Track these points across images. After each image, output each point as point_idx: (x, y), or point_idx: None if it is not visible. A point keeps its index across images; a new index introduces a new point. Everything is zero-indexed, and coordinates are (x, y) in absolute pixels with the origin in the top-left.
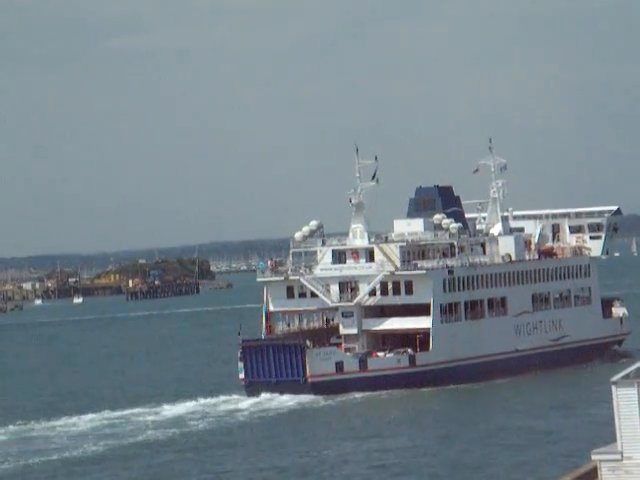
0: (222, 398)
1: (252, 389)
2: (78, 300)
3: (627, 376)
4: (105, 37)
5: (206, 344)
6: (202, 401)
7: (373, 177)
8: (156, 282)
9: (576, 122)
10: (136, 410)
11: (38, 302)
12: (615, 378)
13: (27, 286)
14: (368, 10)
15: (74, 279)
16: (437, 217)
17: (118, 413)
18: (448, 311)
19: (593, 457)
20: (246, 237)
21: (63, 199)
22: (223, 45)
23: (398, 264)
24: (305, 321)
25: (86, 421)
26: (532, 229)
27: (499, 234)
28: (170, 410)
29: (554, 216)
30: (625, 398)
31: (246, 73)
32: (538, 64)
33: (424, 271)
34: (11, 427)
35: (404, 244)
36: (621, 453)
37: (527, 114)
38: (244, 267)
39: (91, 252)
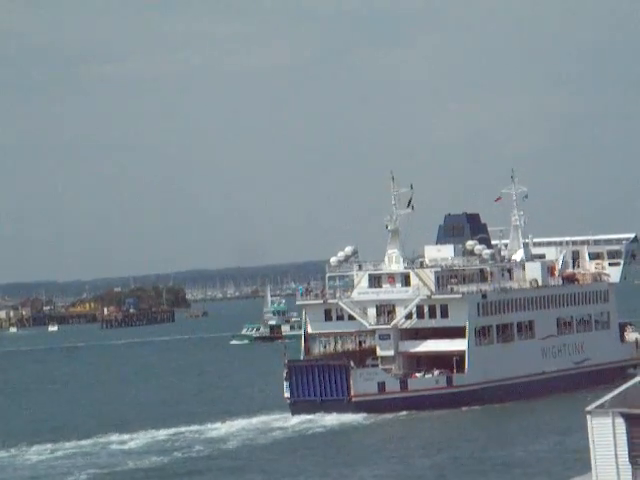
0: (269, 417)
1: (297, 408)
2: (53, 328)
3: (602, 405)
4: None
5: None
6: (253, 420)
7: (408, 204)
8: (131, 310)
9: (591, 149)
10: (192, 427)
11: (13, 330)
12: (590, 407)
13: (1, 314)
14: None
15: (49, 307)
16: (469, 243)
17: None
18: (481, 334)
19: None
20: (222, 265)
21: (37, 227)
22: (215, 69)
23: (433, 288)
24: (340, 343)
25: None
26: (553, 255)
27: (521, 260)
28: (221, 429)
29: (574, 243)
30: (600, 427)
31: (245, 93)
32: (556, 91)
33: (460, 295)
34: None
35: (439, 269)
36: None
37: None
38: (219, 295)
39: (66, 280)
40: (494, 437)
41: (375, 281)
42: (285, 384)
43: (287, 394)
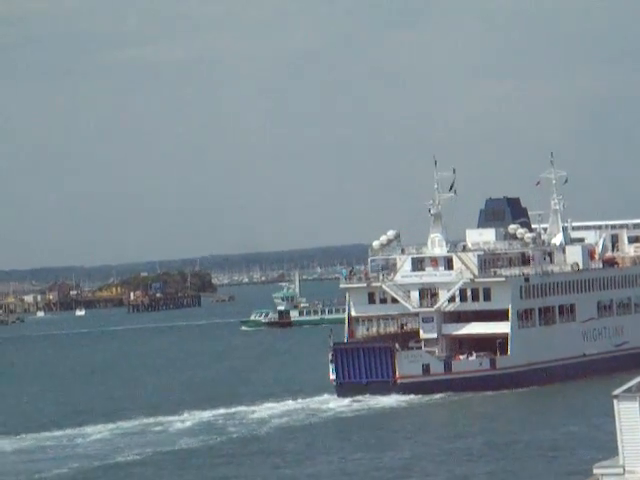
0: (314, 399)
1: (342, 389)
2: (81, 312)
3: (629, 390)
4: (102, 50)
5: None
6: (299, 401)
7: (451, 188)
8: (158, 295)
9: (630, 132)
10: (239, 409)
11: (40, 314)
12: (617, 392)
13: (29, 299)
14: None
15: (76, 292)
16: (512, 227)
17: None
18: (524, 317)
19: (595, 471)
20: (248, 250)
21: (64, 211)
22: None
23: (476, 272)
24: (382, 326)
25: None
26: (592, 239)
27: (560, 244)
28: (269, 409)
29: (613, 227)
30: (627, 412)
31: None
32: (603, 74)
33: (503, 278)
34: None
35: (481, 253)
36: (623, 467)
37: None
38: (246, 280)
39: (93, 265)
40: (529, 419)
41: (418, 264)
42: (330, 366)
43: (333, 376)
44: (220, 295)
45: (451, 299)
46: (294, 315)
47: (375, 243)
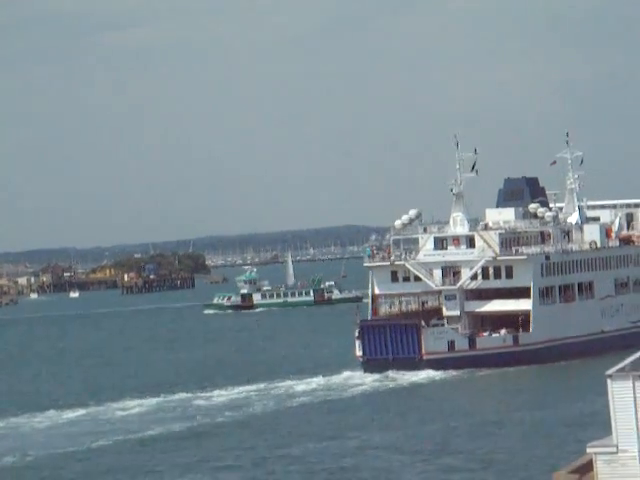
0: (342, 375)
1: (369, 366)
2: (75, 294)
3: (622, 369)
4: (98, 33)
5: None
6: (328, 377)
7: (472, 168)
8: (151, 276)
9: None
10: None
11: (34, 296)
12: (610, 371)
13: (22, 281)
14: None
15: (69, 273)
16: (532, 206)
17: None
18: (545, 294)
19: (588, 450)
20: (241, 231)
21: (58, 194)
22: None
23: (497, 250)
24: (404, 303)
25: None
26: (607, 218)
27: (576, 223)
28: (300, 385)
29: (628, 206)
30: (620, 391)
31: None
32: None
33: (525, 256)
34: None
35: (503, 231)
36: (616, 446)
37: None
38: (239, 261)
39: (86, 246)
40: (541, 396)
41: (440, 243)
42: (357, 343)
43: (359, 352)
44: (214, 276)
45: (473, 277)
46: (257, 298)
47: (397, 222)
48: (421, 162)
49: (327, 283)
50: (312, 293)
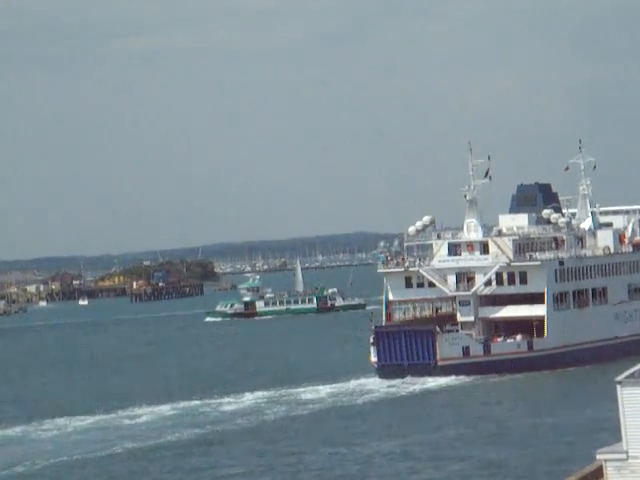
0: (358, 381)
1: (384, 372)
2: (84, 302)
3: (632, 375)
4: (105, 39)
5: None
6: (343, 383)
7: (486, 175)
8: (160, 284)
9: None
10: (291, 390)
11: (42, 304)
12: (620, 377)
13: (31, 289)
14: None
15: (78, 281)
16: (546, 212)
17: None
18: (559, 300)
19: (598, 457)
20: (250, 238)
21: (67, 201)
22: (234, 46)
23: (511, 256)
24: (418, 309)
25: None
26: (620, 224)
27: (589, 228)
28: (315, 392)
29: None
30: (630, 397)
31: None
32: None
33: (539, 262)
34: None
35: (516, 237)
36: (626, 452)
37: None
38: (248, 268)
39: (95, 254)
40: (554, 402)
41: (454, 249)
42: (372, 349)
43: (374, 358)
44: (223, 284)
45: (487, 283)
46: (260, 306)
47: (411, 229)
48: (431, 169)
49: (330, 290)
50: (315, 300)
